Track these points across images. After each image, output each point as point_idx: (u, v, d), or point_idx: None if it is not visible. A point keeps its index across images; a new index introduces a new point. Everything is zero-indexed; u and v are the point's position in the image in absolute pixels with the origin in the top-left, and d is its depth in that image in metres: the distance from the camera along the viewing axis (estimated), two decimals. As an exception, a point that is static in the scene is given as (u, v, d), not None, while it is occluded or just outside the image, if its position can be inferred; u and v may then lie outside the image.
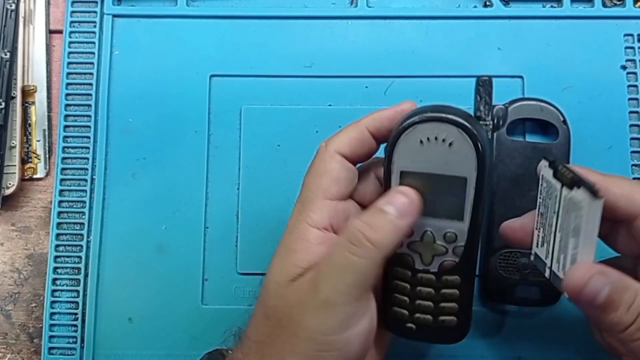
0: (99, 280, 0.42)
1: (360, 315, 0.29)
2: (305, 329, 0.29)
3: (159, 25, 0.45)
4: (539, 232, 0.32)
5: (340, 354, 0.29)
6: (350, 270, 0.29)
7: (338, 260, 0.29)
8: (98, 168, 0.43)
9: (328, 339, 0.29)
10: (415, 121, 0.29)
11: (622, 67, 0.44)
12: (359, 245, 0.29)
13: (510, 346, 0.41)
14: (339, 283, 0.29)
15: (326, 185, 0.31)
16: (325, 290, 0.29)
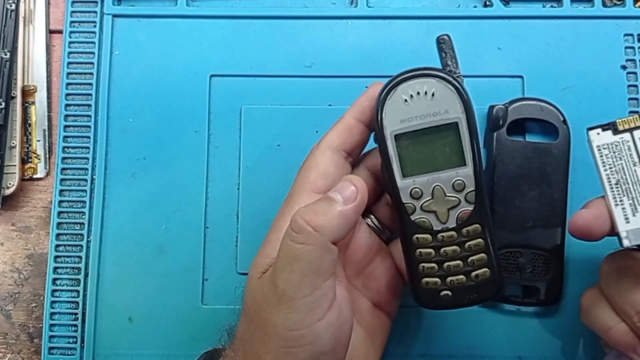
0: (99, 280, 0.42)
1: (325, 306, 0.29)
2: (272, 326, 0.29)
3: (159, 25, 0.45)
4: (622, 204, 0.30)
5: (311, 348, 0.29)
6: (298, 259, 0.28)
7: (284, 250, 0.29)
8: (98, 168, 0.43)
9: (295, 334, 0.28)
10: (394, 83, 0.31)
11: (622, 67, 0.44)
12: (301, 231, 0.29)
13: (510, 346, 0.41)
14: (290, 275, 0.28)
15: (313, 178, 0.32)
16: (280, 284, 0.29)
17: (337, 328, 0.30)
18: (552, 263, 0.40)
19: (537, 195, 0.40)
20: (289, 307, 0.28)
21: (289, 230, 0.29)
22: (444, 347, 0.41)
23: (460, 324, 0.41)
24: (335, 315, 0.29)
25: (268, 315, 0.29)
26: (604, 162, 0.31)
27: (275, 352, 0.29)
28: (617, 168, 0.30)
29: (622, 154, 0.30)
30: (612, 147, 0.30)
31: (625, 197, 0.30)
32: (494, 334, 0.41)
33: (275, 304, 0.29)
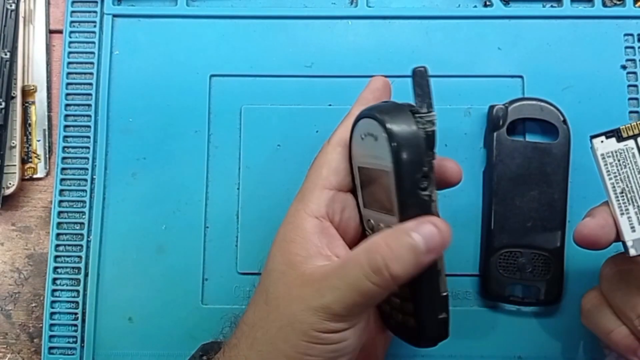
0: (99, 280, 0.42)
1: (355, 322, 0.30)
2: (301, 323, 0.29)
3: (159, 25, 0.45)
4: (628, 213, 0.30)
5: (334, 347, 0.29)
6: (363, 294, 0.28)
7: (352, 280, 0.28)
8: (98, 168, 0.43)
9: (322, 335, 0.29)
10: (356, 119, 0.31)
11: (622, 66, 0.44)
12: (379, 274, 0.28)
13: (510, 346, 0.41)
14: (346, 299, 0.28)
15: (325, 174, 0.32)
16: (330, 300, 0.29)
17: (363, 332, 0.31)
18: (552, 263, 0.40)
19: (537, 195, 0.40)
20: (328, 317, 0.29)
21: (366, 266, 0.28)
22: (444, 347, 0.40)
23: (460, 324, 0.41)
24: (364, 323, 0.31)
25: (300, 313, 0.29)
26: (608, 171, 0.30)
27: (294, 344, 0.29)
28: (622, 176, 0.30)
29: (626, 161, 0.30)
30: (616, 155, 0.30)
31: (631, 206, 0.30)
32: (494, 334, 0.41)
33: (314, 309, 0.29)
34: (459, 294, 0.41)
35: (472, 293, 0.42)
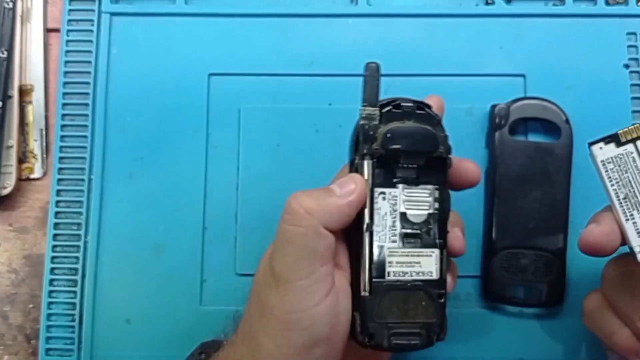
0: (96, 281, 0.42)
1: (322, 292, 0.29)
2: (270, 308, 0.29)
3: (157, 24, 0.45)
4: (633, 219, 0.29)
5: (307, 333, 0.29)
6: (291, 242, 0.29)
7: (279, 234, 0.30)
8: (96, 168, 0.43)
9: (291, 317, 0.29)
10: None
11: (625, 65, 0.43)
12: (294, 214, 0.29)
13: (512, 348, 0.41)
14: (285, 258, 0.29)
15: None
16: (277, 267, 0.29)
17: (334, 316, 0.29)
18: (554, 264, 0.40)
19: (539, 196, 0.40)
20: (286, 289, 0.29)
21: (283, 213, 0.30)
22: (445, 349, 0.41)
23: (461, 325, 0.41)
24: (332, 303, 0.29)
25: (267, 297, 0.30)
26: (610, 177, 0.30)
27: (271, 334, 0.29)
28: (624, 182, 0.29)
29: (627, 166, 0.29)
30: (616, 161, 0.30)
31: (635, 211, 0.29)
32: (495, 335, 0.41)
33: (273, 286, 0.29)
34: (461, 295, 0.41)
35: (473, 294, 0.41)
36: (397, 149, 0.30)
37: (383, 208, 0.31)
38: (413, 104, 0.31)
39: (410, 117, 0.31)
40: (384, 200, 0.31)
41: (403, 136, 0.30)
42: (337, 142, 0.42)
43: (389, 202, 0.31)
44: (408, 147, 0.30)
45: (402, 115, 0.31)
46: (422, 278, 0.31)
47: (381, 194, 0.31)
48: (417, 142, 0.30)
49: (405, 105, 0.31)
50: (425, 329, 0.31)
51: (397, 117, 0.31)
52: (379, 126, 0.30)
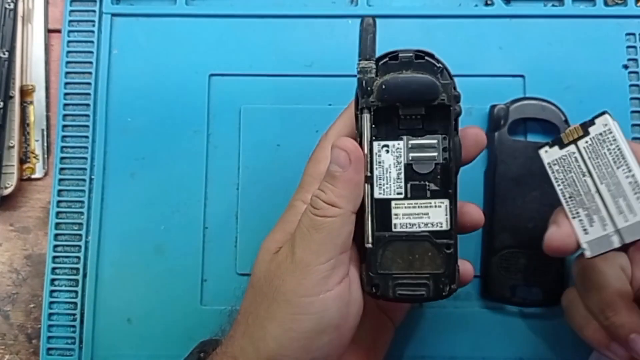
0: (97, 281, 0.42)
1: (336, 278, 0.30)
2: (283, 293, 0.30)
3: (158, 24, 0.45)
4: (579, 216, 0.31)
5: (317, 317, 0.29)
6: (319, 228, 0.29)
7: (305, 222, 0.30)
8: (97, 168, 0.43)
9: (304, 300, 0.29)
10: None
11: (624, 66, 0.43)
12: (319, 207, 0.30)
13: (512, 347, 0.41)
14: (310, 243, 0.29)
15: (323, 170, 0.31)
16: (298, 252, 0.30)
17: (345, 304, 0.30)
18: (553, 264, 0.40)
19: (538, 196, 0.40)
20: (304, 272, 0.29)
21: (310, 207, 0.30)
22: (445, 348, 0.41)
23: (460, 325, 0.41)
24: (345, 290, 0.30)
25: (280, 282, 0.30)
26: (556, 178, 0.31)
27: (280, 319, 0.29)
28: (569, 181, 0.31)
29: (570, 166, 0.30)
30: (561, 162, 0.31)
31: (581, 209, 0.30)
32: (494, 335, 0.41)
33: (290, 271, 0.30)
34: (460, 294, 0.41)
35: (473, 294, 0.41)
36: (393, 100, 0.30)
37: (387, 160, 0.30)
38: (412, 53, 0.31)
39: (408, 67, 0.30)
40: (387, 153, 0.30)
41: (398, 86, 0.30)
42: (337, 143, 0.43)
43: (392, 155, 0.30)
44: (404, 97, 0.30)
45: (400, 66, 0.30)
46: (430, 229, 0.30)
47: (384, 147, 0.30)
48: (413, 92, 0.30)
49: (403, 55, 0.31)
50: (432, 279, 0.30)
51: (394, 68, 0.30)
52: (375, 79, 0.30)
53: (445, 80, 0.30)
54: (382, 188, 0.30)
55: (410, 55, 0.30)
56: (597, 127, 0.29)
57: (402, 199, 0.30)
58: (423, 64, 0.30)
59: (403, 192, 0.30)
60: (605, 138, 0.29)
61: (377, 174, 0.30)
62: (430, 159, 0.31)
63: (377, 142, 0.30)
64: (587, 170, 0.30)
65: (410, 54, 0.30)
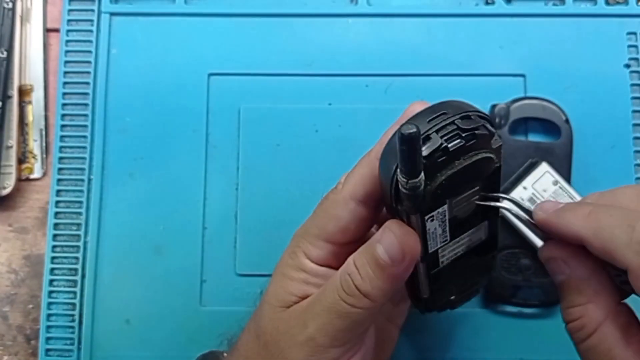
0: (96, 282, 0.42)
1: (349, 354, 0.28)
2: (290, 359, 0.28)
3: (156, 24, 0.44)
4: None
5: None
6: (342, 316, 0.27)
7: (328, 302, 0.27)
8: (95, 168, 0.43)
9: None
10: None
11: (626, 65, 0.43)
12: (351, 293, 0.27)
13: (512, 347, 0.41)
14: (327, 326, 0.27)
15: (331, 230, 0.29)
16: (312, 329, 0.27)
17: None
18: (555, 264, 0.40)
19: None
20: (314, 351, 0.27)
21: (339, 285, 0.27)
22: (446, 349, 0.40)
23: (462, 326, 0.41)
24: (359, 357, 0.29)
25: (287, 348, 0.28)
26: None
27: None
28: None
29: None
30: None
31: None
32: (495, 335, 0.41)
33: (299, 342, 0.28)
34: (461, 295, 0.41)
35: (473, 294, 0.41)
36: (449, 195, 0.26)
37: (432, 226, 0.27)
38: (459, 139, 0.24)
39: (459, 156, 0.25)
40: (432, 221, 0.27)
41: (455, 184, 0.25)
42: (337, 142, 0.42)
43: (438, 220, 0.27)
44: (460, 187, 0.26)
45: (452, 158, 0.25)
46: (473, 246, 0.30)
47: (429, 218, 0.27)
48: (470, 178, 0.26)
49: (452, 145, 0.24)
50: (480, 278, 0.33)
51: (446, 164, 0.25)
52: (427, 186, 0.24)
53: (495, 143, 0.26)
54: (430, 247, 0.28)
55: (460, 142, 0.24)
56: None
57: (447, 242, 0.29)
58: (475, 142, 0.25)
59: (448, 238, 0.28)
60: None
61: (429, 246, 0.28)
62: (471, 203, 0.28)
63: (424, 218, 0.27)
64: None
65: (458, 141, 0.24)
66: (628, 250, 0.23)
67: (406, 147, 0.22)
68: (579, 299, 0.26)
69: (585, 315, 0.26)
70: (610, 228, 0.24)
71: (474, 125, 0.25)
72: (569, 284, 0.26)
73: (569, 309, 0.27)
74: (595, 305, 0.26)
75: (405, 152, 0.22)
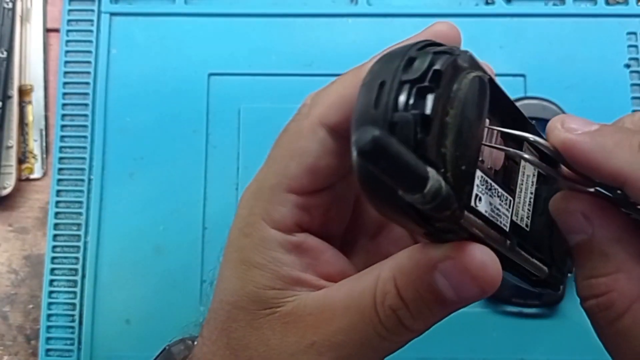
0: (96, 282, 0.42)
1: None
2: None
3: (156, 24, 0.45)
4: None
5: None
6: (378, 350, 0.21)
7: (359, 336, 0.20)
8: (95, 168, 0.43)
9: None
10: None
11: (626, 65, 0.43)
12: (396, 332, 0.20)
13: (513, 347, 0.41)
14: (353, 358, 0.21)
15: (294, 173, 0.22)
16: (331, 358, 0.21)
17: None
18: (555, 264, 0.40)
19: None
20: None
21: (376, 320, 0.20)
22: (446, 349, 0.40)
23: (462, 326, 0.41)
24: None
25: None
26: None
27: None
28: None
29: None
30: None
31: None
32: (496, 335, 0.41)
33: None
34: (461, 295, 0.41)
35: (473, 294, 0.41)
36: (473, 162, 0.20)
37: (485, 206, 0.20)
38: (428, 92, 0.17)
39: (445, 109, 0.18)
40: (481, 201, 0.20)
41: (466, 143, 0.19)
42: (337, 142, 0.42)
43: (485, 193, 0.20)
44: (475, 139, 0.19)
45: (437, 119, 0.18)
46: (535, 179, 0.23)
47: (476, 199, 0.19)
48: (475, 122, 0.19)
49: (429, 108, 0.17)
50: None
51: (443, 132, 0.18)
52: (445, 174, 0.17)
53: (453, 57, 0.19)
54: (502, 224, 0.21)
55: (433, 98, 0.17)
56: None
57: (513, 201, 0.22)
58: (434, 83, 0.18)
59: (509, 197, 0.21)
60: None
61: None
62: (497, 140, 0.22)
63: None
64: None
65: (432, 100, 0.17)
66: None
67: (381, 164, 0.14)
68: (605, 266, 0.20)
69: (614, 288, 0.19)
70: None
71: (426, 66, 0.18)
72: (591, 247, 0.20)
73: (591, 279, 0.20)
74: (628, 275, 0.19)
75: (386, 168, 0.15)
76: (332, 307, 0.21)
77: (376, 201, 0.18)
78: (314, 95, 0.23)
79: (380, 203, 0.18)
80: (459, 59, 0.18)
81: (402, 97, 0.17)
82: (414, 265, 0.19)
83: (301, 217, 0.22)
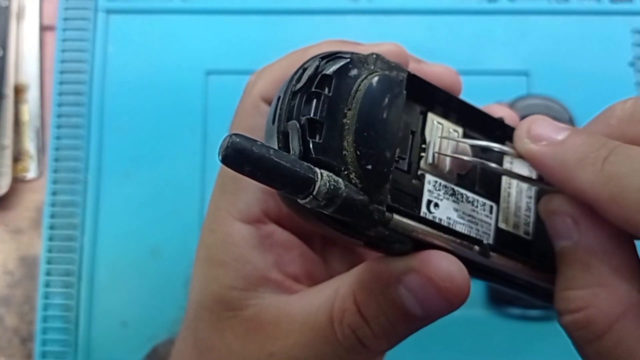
0: (92, 283, 0.41)
1: None
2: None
3: (154, 21, 0.44)
4: None
5: None
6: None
7: (318, 356, 0.20)
8: (91, 168, 0.42)
9: None
10: None
11: (630, 63, 0.43)
12: (357, 352, 0.19)
13: (516, 350, 0.40)
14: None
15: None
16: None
17: None
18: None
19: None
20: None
21: (334, 340, 0.19)
22: (449, 352, 0.40)
23: (465, 328, 0.40)
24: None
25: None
26: None
27: None
28: None
29: None
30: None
31: None
32: (499, 338, 0.40)
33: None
34: (463, 297, 0.41)
35: (476, 297, 0.41)
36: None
37: (446, 213, 0.20)
38: (320, 104, 0.17)
39: (340, 109, 0.18)
40: (437, 208, 0.20)
41: (384, 145, 0.18)
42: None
43: (444, 199, 0.20)
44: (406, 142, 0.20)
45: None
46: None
47: (431, 205, 0.19)
48: (396, 126, 0.19)
49: (318, 113, 0.17)
50: None
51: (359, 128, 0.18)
52: (349, 175, 0.17)
53: (351, 62, 0.19)
54: (481, 237, 0.21)
55: (322, 105, 0.17)
56: None
57: (495, 206, 0.22)
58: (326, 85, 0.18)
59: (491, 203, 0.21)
60: None
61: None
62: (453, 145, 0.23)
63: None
64: None
65: (319, 108, 0.17)
66: None
67: (247, 168, 0.15)
68: (585, 277, 0.18)
69: (593, 304, 0.18)
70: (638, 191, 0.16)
71: (313, 72, 0.17)
72: (575, 255, 0.18)
73: (568, 291, 0.18)
74: (609, 291, 0.17)
75: (254, 171, 0.15)
76: (290, 319, 0.20)
77: (292, 210, 0.18)
78: (258, 72, 0.22)
79: (296, 212, 0.17)
80: (352, 62, 0.18)
81: (293, 106, 0.17)
82: (375, 279, 0.18)
83: (267, 204, 0.21)
